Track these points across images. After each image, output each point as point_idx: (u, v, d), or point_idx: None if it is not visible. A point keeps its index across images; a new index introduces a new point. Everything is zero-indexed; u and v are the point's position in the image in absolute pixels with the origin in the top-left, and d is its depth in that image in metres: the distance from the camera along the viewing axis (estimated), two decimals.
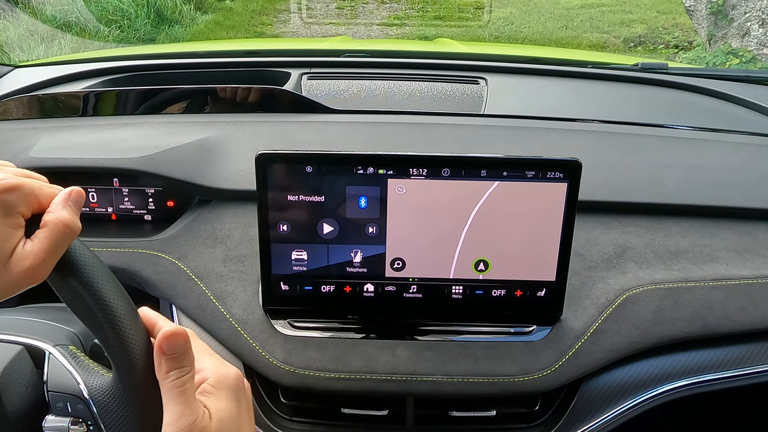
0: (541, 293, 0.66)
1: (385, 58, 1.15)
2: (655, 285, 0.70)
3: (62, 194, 0.44)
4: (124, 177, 0.79)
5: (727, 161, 0.84)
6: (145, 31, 5.05)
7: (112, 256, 0.73)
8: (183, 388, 0.43)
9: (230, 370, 0.49)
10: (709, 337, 0.69)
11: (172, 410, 0.43)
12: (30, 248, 0.41)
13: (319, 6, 5.89)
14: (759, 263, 0.73)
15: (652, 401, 0.67)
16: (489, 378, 0.64)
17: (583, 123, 0.93)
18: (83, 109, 0.94)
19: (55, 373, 0.55)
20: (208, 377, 0.47)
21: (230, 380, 0.48)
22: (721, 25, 4.16)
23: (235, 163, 0.79)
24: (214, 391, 0.46)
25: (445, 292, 0.67)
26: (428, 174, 0.62)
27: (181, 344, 0.44)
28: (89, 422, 0.53)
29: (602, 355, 0.66)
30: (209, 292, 0.69)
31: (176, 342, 0.44)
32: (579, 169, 0.61)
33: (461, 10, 4.67)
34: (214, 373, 0.47)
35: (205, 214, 0.77)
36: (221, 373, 0.48)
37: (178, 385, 0.43)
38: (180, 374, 0.44)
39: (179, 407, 0.43)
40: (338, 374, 0.65)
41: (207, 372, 0.48)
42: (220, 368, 0.48)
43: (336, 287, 0.67)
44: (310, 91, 1.05)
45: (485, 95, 1.03)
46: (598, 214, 0.77)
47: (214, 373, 0.47)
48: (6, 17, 4.52)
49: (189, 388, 0.44)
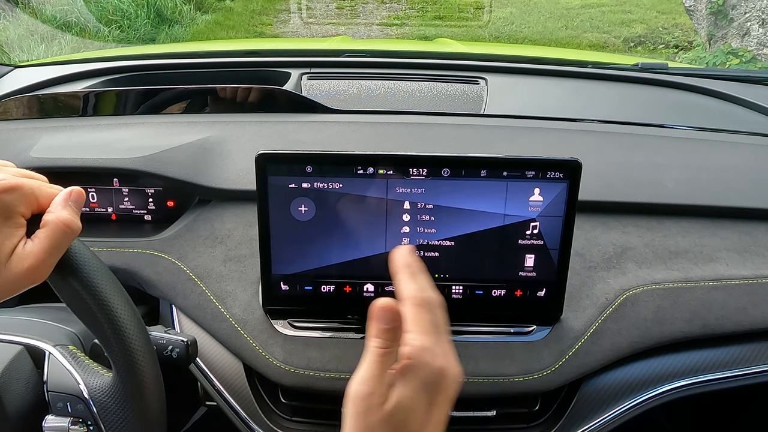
0: (541, 293, 0.66)
1: (385, 58, 1.15)
2: (655, 285, 0.70)
3: (63, 194, 0.44)
4: (124, 177, 0.79)
5: (727, 161, 0.84)
6: (145, 31, 5.05)
7: (112, 256, 0.73)
8: (380, 359, 0.42)
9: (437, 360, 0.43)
10: (709, 337, 0.69)
11: (363, 371, 0.42)
12: (30, 248, 0.41)
13: (319, 6, 5.89)
14: (759, 263, 0.73)
15: (652, 401, 0.67)
16: (489, 378, 0.64)
17: (583, 123, 0.93)
18: (83, 109, 0.94)
19: (55, 373, 0.55)
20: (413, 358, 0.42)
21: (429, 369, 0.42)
22: (721, 25, 4.16)
23: (235, 163, 0.79)
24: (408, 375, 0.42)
25: (444, 291, 0.67)
26: (428, 174, 0.62)
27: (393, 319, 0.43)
28: (89, 422, 0.53)
29: (602, 355, 0.66)
30: (209, 292, 0.69)
31: (390, 316, 0.43)
32: (579, 169, 0.61)
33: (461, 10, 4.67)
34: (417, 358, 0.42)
35: (205, 214, 0.77)
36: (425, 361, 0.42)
37: (377, 354, 0.43)
38: (383, 344, 0.43)
39: (368, 373, 0.42)
40: (338, 374, 0.65)
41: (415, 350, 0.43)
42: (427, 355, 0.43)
43: (336, 287, 0.67)
44: (310, 91, 1.05)
45: (485, 95, 1.03)
46: (598, 214, 0.77)
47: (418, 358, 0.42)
48: (6, 17, 4.52)
49: (385, 362, 0.43)
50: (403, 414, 0.41)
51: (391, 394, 0.41)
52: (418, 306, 0.43)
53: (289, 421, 0.69)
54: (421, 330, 0.43)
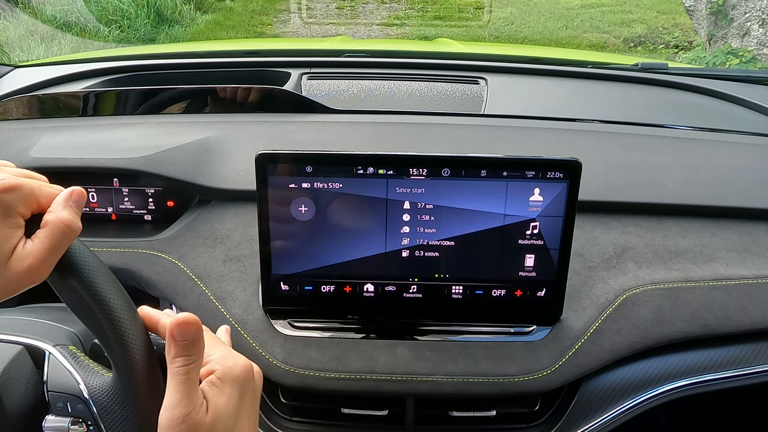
0: (541, 293, 0.66)
1: (385, 58, 1.15)
2: (655, 285, 0.70)
3: (63, 194, 0.44)
4: (124, 177, 0.79)
5: (727, 161, 0.84)
6: (145, 31, 5.05)
7: (112, 256, 0.73)
8: (186, 377, 0.43)
9: (238, 363, 0.48)
10: (709, 337, 0.69)
11: (172, 396, 0.43)
12: (30, 248, 0.41)
13: (319, 6, 5.89)
14: (759, 263, 0.73)
15: (652, 401, 0.67)
16: (489, 378, 0.64)
17: (583, 123, 0.93)
18: (83, 109, 0.94)
19: (55, 373, 0.55)
20: (216, 369, 0.47)
21: (236, 373, 0.47)
22: (721, 25, 4.15)
23: (235, 163, 0.79)
24: (218, 384, 0.46)
25: (445, 292, 0.67)
26: (428, 174, 0.62)
27: (192, 332, 0.44)
28: (89, 422, 0.53)
29: (602, 355, 0.66)
30: (209, 292, 0.69)
31: (188, 330, 0.43)
32: (579, 169, 0.61)
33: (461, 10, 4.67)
34: (221, 366, 0.47)
35: (205, 214, 0.77)
36: (228, 366, 0.47)
37: (182, 372, 0.43)
38: (186, 362, 0.43)
39: (178, 395, 0.43)
40: (338, 374, 0.65)
41: (215, 364, 0.47)
42: (229, 360, 0.48)
43: (336, 287, 0.67)
44: (310, 91, 1.05)
45: (485, 95, 1.03)
46: (598, 214, 0.77)
47: (222, 365, 0.47)
48: (6, 17, 4.52)
49: (193, 378, 0.44)
50: (224, 420, 0.44)
51: (209, 407, 0.44)
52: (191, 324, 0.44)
53: (289, 421, 0.69)
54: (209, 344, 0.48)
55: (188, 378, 0.43)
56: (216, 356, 0.48)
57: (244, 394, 0.47)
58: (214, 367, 0.47)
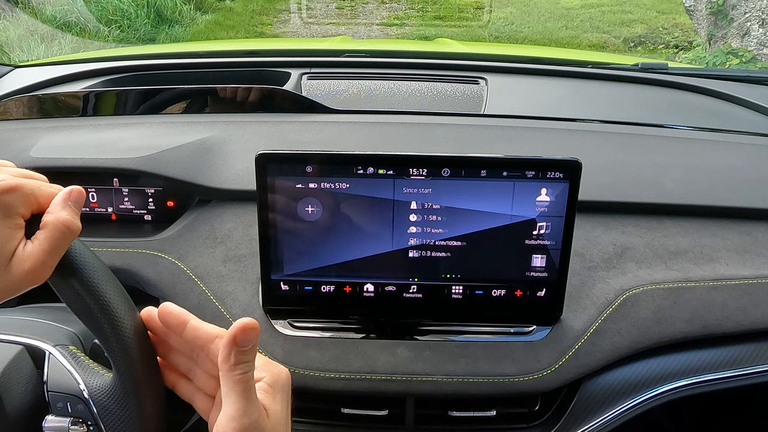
0: (541, 293, 0.66)
1: (385, 58, 1.15)
2: (655, 285, 0.70)
3: (62, 194, 0.44)
4: (124, 177, 0.79)
5: (727, 161, 0.84)
6: (145, 31, 5.05)
7: (112, 256, 0.73)
8: (248, 384, 0.42)
9: (282, 370, 0.48)
10: (709, 337, 0.69)
11: (237, 405, 0.42)
12: (30, 250, 0.41)
13: (319, 6, 5.89)
14: (759, 263, 0.73)
15: (652, 401, 0.67)
16: (489, 378, 0.64)
17: (583, 123, 0.93)
18: (83, 109, 0.94)
19: (55, 373, 0.55)
20: (264, 376, 0.46)
21: (284, 380, 0.47)
22: (721, 25, 4.16)
23: (235, 163, 0.79)
24: (271, 391, 0.45)
25: (444, 292, 0.67)
26: (428, 174, 0.62)
27: (254, 338, 0.42)
28: (89, 422, 0.53)
29: (602, 355, 0.66)
30: (209, 292, 0.69)
31: (251, 336, 0.42)
32: (579, 169, 0.61)
33: (461, 10, 4.67)
34: (269, 372, 0.47)
35: (205, 214, 0.77)
36: (276, 373, 0.47)
37: (244, 380, 0.42)
38: (246, 369, 0.42)
39: (243, 403, 0.42)
40: (338, 374, 0.65)
41: (261, 371, 0.47)
42: (273, 368, 0.47)
43: (336, 287, 0.67)
44: (310, 91, 1.05)
45: (485, 95, 1.03)
46: (598, 214, 0.77)
47: (270, 372, 0.47)
48: (6, 17, 4.52)
49: (252, 385, 0.43)
50: (280, 427, 0.45)
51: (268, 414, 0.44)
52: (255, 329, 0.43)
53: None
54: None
55: (249, 386, 0.42)
56: (259, 363, 0.47)
57: (288, 402, 0.47)
58: (262, 374, 0.46)
